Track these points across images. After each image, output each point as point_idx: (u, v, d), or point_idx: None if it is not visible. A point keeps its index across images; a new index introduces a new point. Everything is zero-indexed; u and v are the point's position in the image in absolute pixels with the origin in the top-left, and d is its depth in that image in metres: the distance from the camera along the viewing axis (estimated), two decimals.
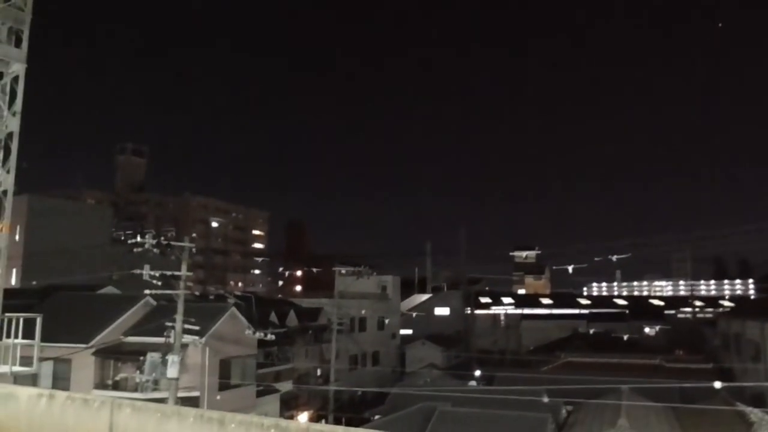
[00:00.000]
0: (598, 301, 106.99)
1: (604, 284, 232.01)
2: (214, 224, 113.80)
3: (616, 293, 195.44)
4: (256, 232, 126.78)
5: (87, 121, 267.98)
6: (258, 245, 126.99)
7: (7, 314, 10.97)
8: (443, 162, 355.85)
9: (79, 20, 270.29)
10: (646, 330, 74.60)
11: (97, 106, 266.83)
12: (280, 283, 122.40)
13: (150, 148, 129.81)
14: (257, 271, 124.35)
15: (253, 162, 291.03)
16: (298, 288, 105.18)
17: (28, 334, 11.71)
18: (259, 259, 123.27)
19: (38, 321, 11.28)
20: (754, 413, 23.89)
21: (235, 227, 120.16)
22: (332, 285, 44.23)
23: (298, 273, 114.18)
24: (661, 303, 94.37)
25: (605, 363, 42.93)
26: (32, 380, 25.06)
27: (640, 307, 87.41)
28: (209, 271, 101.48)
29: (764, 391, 30.66)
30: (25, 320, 11.59)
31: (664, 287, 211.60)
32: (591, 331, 72.10)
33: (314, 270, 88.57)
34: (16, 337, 10.81)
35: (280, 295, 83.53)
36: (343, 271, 42.92)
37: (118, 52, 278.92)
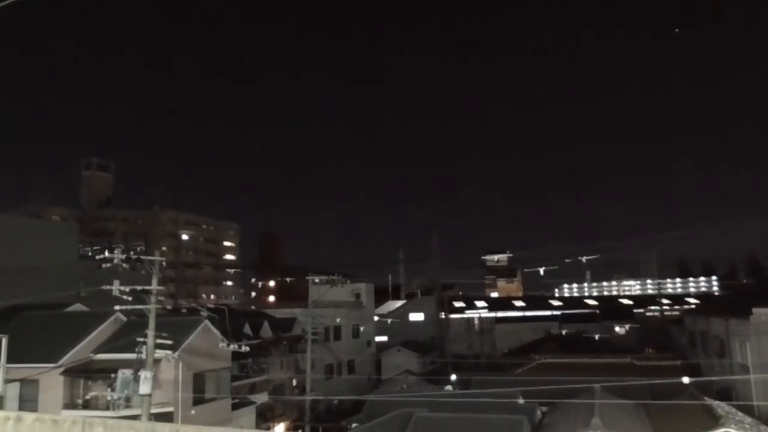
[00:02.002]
0: (569, 302, 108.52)
1: (575, 285, 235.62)
2: (185, 237, 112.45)
3: (586, 294, 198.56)
4: (227, 243, 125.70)
5: (48, 138, 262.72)
6: (230, 257, 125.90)
7: None
8: (414, 169, 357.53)
9: (38, 35, 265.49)
10: (617, 329, 75.98)
11: (58, 122, 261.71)
12: (254, 294, 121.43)
13: (115, 162, 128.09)
14: (230, 283, 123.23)
15: (221, 173, 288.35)
16: (272, 299, 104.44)
17: None
18: (232, 271, 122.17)
19: (3, 342, 11.05)
20: (720, 407, 24.57)
21: (205, 240, 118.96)
22: (306, 295, 44.08)
23: (271, 284, 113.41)
24: (630, 302, 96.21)
25: (578, 363, 43.62)
26: None
27: (610, 306, 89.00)
28: (181, 285, 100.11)
29: (730, 385, 31.52)
30: None
31: (632, 287, 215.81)
32: (563, 332, 73.17)
33: (287, 280, 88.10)
34: None
35: (253, 307, 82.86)
36: (316, 280, 42.83)
37: (76, 64, 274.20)
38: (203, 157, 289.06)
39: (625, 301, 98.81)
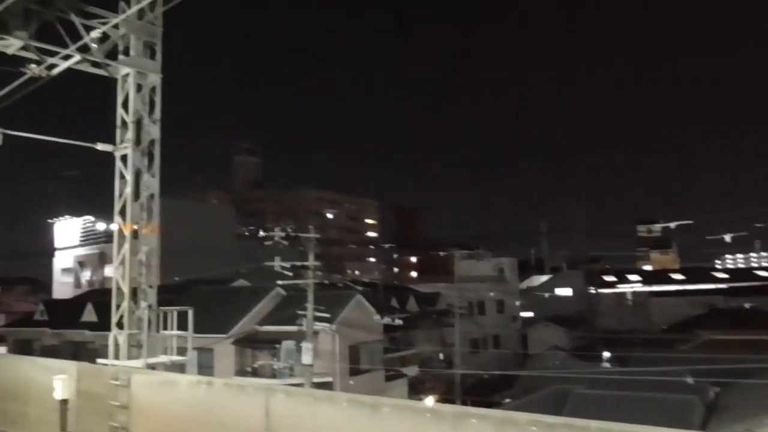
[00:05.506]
0: (735, 274, 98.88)
1: (739, 256, 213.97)
2: (329, 215, 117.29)
3: (754, 265, 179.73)
4: (368, 220, 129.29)
5: (194, 125, 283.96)
6: (371, 234, 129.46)
7: (162, 308, 11.83)
8: (554, 134, 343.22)
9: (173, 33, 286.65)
10: None
11: (198, 111, 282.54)
12: (396, 269, 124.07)
13: (261, 146, 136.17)
14: (372, 259, 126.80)
15: (352, 152, 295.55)
16: (414, 274, 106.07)
17: (177, 326, 12.56)
18: (373, 247, 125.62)
19: (190, 313, 12.09)
20: None
21: (348, 217, 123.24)
22: (447, 269, 44.09)
23: (413, 259, 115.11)
24: None
25: (753, 340, 39.49)
26: (180, 369, 27.07)
27: None
28: (326, 261, 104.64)
29: None
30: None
31: None
32: (731, 306, 66.76)
33: (429, 255, 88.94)
34: (172, 328, 11.64)
35: (396, 282, 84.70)
36: (460, 255, 42.63)
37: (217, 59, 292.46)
38: (336, 134, 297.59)
39: None
